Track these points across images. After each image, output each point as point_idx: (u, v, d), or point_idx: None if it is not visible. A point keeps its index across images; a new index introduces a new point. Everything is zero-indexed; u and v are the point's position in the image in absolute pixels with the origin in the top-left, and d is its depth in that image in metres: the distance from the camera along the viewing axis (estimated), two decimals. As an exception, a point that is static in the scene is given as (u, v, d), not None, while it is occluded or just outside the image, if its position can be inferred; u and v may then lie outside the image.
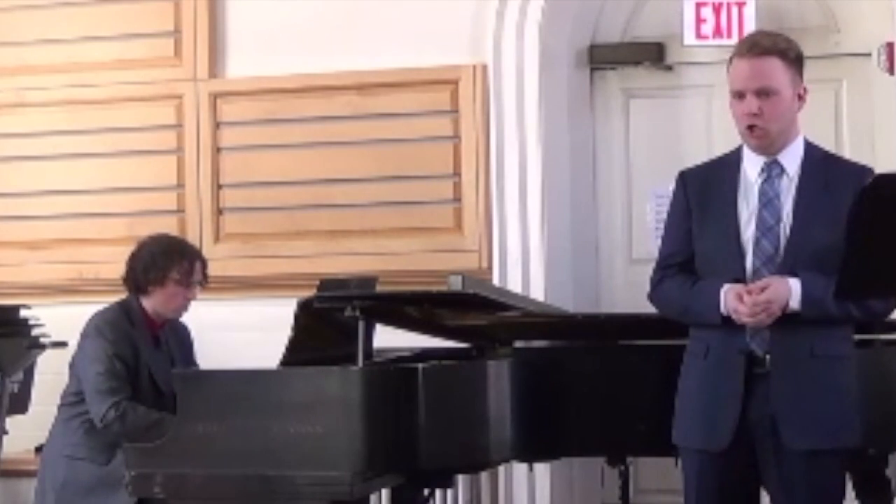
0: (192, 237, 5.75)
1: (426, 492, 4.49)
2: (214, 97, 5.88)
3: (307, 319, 4.27)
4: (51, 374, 5.17)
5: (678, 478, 3.97)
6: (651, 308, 3.90)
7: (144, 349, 4.73)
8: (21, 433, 5.35)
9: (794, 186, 3.62)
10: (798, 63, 3.66)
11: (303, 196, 5.77)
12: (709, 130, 5.65)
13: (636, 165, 5.78)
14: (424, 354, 4.50)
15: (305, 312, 4.26)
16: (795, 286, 3.51)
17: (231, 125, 5.89)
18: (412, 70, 5.65)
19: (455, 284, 4.05)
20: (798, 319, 3.52)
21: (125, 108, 5.96)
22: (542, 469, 5.39)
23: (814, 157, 3.69)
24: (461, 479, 5.09)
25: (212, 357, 5.20)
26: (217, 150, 5.88)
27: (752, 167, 3.67)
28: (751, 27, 5.43)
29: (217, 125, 5.88)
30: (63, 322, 5.09)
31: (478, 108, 5.63)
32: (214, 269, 5.51)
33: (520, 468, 5.38)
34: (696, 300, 3.64)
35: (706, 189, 3.71)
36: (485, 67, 5.63)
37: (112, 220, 5.89)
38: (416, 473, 4.07)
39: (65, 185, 5.98)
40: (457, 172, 5.66)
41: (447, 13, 5.65)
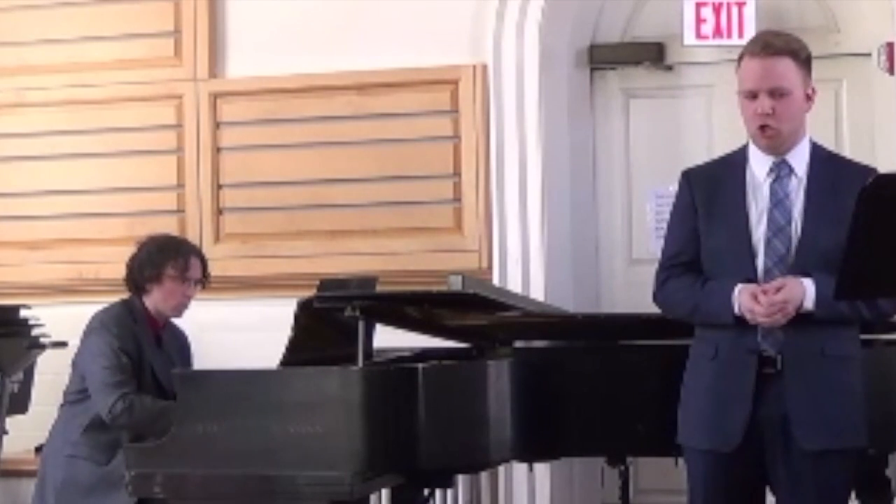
0: (192, 237, 5.74)
1: (426, 492, 4.50)
2: (214, 97, 5.88)
3: (307, 319, 4.27)
4: (51, 374, 5.17)
5: (678, 478, 3.97)
6: (651, 308, 3.89)
7: (147, 347, 4.74)
8: (21, 433, 5.35)
9: (803, 187, 3.62)
10: (808, 63, 3.66)
11: (303, 196, 5.77)
12: (709, 130, 5.65)
13: (636, 165, 5.77)
14: (424, 354, 4.50)
15: (305, 312, 4.26)
16: (809, 286, 3.50)
17: (231, 125, 5.88)
18: (412, 70, 5.65)
19: (455, 284, 4.05)
20: (809, 320, 3.52)
21: (125, 108, 5.96)
22: (542, 469, 5.38)
23: (820, 158, 3.69)
24: (461, 479, 5.09)
25: (212, 357, 5.20)
26: (217, 150, 5.88)
27: (760, 167, 3.66)
28: (751, 27, 5.42)
29: (217, 125, 5.88)
30: (63, 322, 5.10)
31: (478, 108, 5.63)
32: (214, 270, 5.51)
33: (520, 468, 5.38)
34: (708, 300, 3.62)
35: (713, 188, 3.70)
36: (485, 67, 5.63)
37: (112, 220, 5.89)
38: (416, 473, 4.07)
39: (65, 185, 5.98)
40: (457, 172, 5.66)
41: (447, 13, 5.65)
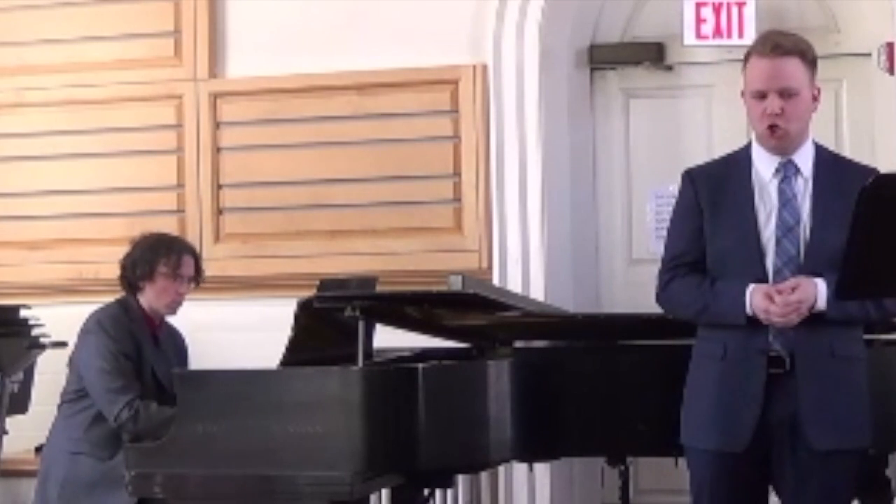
0: (192, 237, 5.74)
1: (426, 492, 4.50)
2: (214, 97, 5.88)
3: (307, 319, 4.27)
4: (51, 374, 5.17)
5: (678, 478, 3.98)
6: (651, 308, 3.89)
7: (146, 346, 4.74)
8: (21, 433, 5.35)
9: (810, 187, 3.63)
10: (814, 64, 3.66)
11: (303, 196, 5.77)
12: (709, 130, 5.65)
13: (636, 165, 5.77)
14: (424, 354, 4.50)
15: (305, 312, 4.26)
16: (822, 286, 3.50)
17: (231, 125, 5.88)
18: (412, 70, 5.65)
19: (455, 284, 4.06)
20: (818, 320, 3.52)
21: (125, 108, 5.96)
22: (542, 469, 5.38)
23: (824, 159, 3.70)
24: (461, 479, 5.09)
25: (212, 357, 5.20)
26: (217, 150, 5.88)
27: (765, 167, 3.66)
28: (751, 27, 5.42)
29: (217, 125, 5.88)
30: (63, 322, 5.09)
31: (478, 108, 5.62)
32: (214, 269, 5.52)
33: (520, 468, 5.38)
34: (718, 300, 3.60)
35: (718, 188, 3.68)
36: (485, 67, 5.63)
37: (112, 220, 5.88)
38: (416, 473, 4.07)
39: (65, 185, 5.98)
40: (457, 172, 5.66)
41: (447, 13, 5.64)
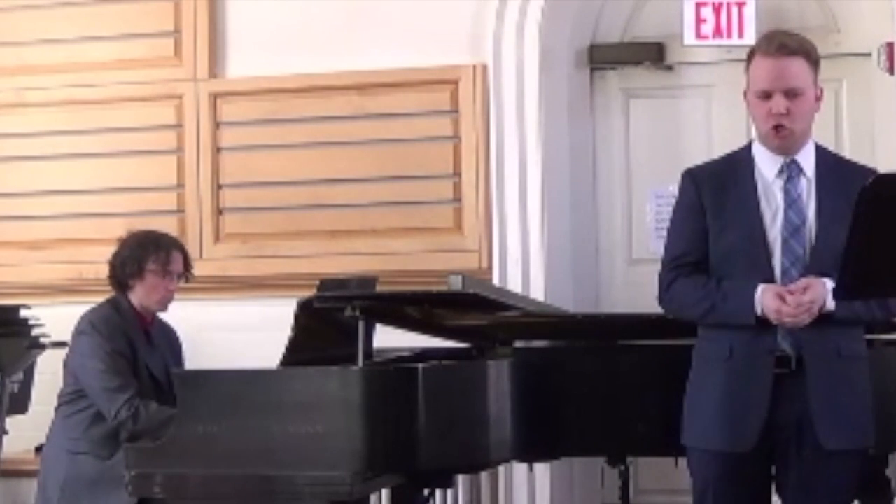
0: (192, 237, 5.75)
1: (426, 492, 4.50)
2: (214, 97, 5.88)
3: (307, 319, 4.27)
4: (51, 374, 5.16)
5: (678, 478, 3.97)
6: (651, 308, 3.89)
7: (139, 344, 4.73)
8: (21, 433, 5.35)
9: (813, 187, 3.63)
10: (818, 65, 3.67)
11: (303, 196, 5.77)
12: (709, 130, 5.65)
13: (636, 165, 5.77)
14: (424, 354, 4.50)
15: (305, 312, 4.26)
16: (830, 286, 3.48)
17: (231, 125, 5.88)
18: (412, 70, 5.65)
19: (455, 284, 4.05)
20: (825, 320, 3.52)
21: (125, 108, 5.96)
22: (542, 469, 5.38)
23: (825, 159, 3.70)
24: (461, 479, 5.08)
25: (212, 357, 5.20)
26: (217, 150, 5.88)
27: (769, 167, 3.65)
28: (751, 27, 5.42)
29: (217, 125, 5.88)
30: (63, 322, 5.07)
31: (478, 108, 5.62)
32: (214, 270, 5.53)
33: (520, 468, 5.38)
34: (726, 300, 3.59)
35: (721, 188, 3.67)
36: (485, 67, 5.63)
37: (112, 220, 5.86)
38: (416, 474, 4.07)
39: (64, 185, 5.98)
40: (457, 172, 5.66)
41: (447, 13, 5.64)
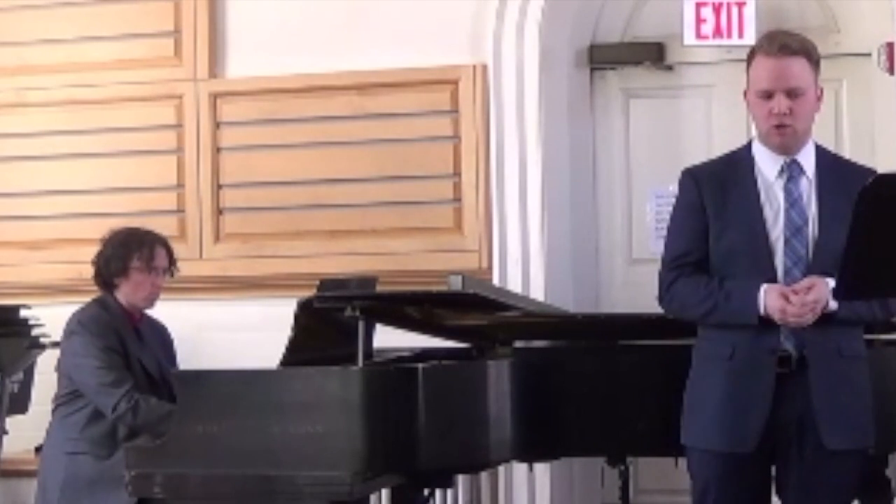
0: (192, 237, 5.75)
1: (426, 492, 4.50)
2: (214, 97, 5.88)
3: (307, 319, 4.27)
4: (51, 374, 5.14)
5: (678, 478, 3.97)
6: (651, 308, 3.89)
7: (129, 340, 4.72)
8: (21, 433, 5.35)
9: (814, 187, 3.63)
10: (818, 65, 3.67)
11: (303, 196, 5.77)
12: (709, 130, 5.65)
13: (636, 165, 5.77)
14: (424, 354, 4.50)
15: (305, 312, 4.26)
16: (833, 286, 3.47)
17: (231, 125, 5.88)
18: (412, 70, 5.65)
19: (455, 284, 4.06)
20: (827, 320, 3.52)
21: (125, 108, 5.96)
22: (542, 469, 5.38)
23: (826, 159, 3.70)
24: (461, 479, 5.09)
25: (212, 357, 5.20)
26: (217, 150, 5.88)
27: (769, 166, 3.65)
28: (751, 27, 5.42)
29: (217, 125, 5.88)
30: (63, 322, 5.07)
31: (478, 108, 5.62)
32: (214, 270, 5.52)
33: (520, 468, 5.38)
34: (729, 300, 3.59)
35: (721, 187, 3.67)
36: (485, 67, 5.63)
37: (112, 220, 5.82)
38: (416, 473, 4.07)
39: (65, 185, 5.98)
40: (457, 172, 5.66)
41: (447, 13, 5.64)
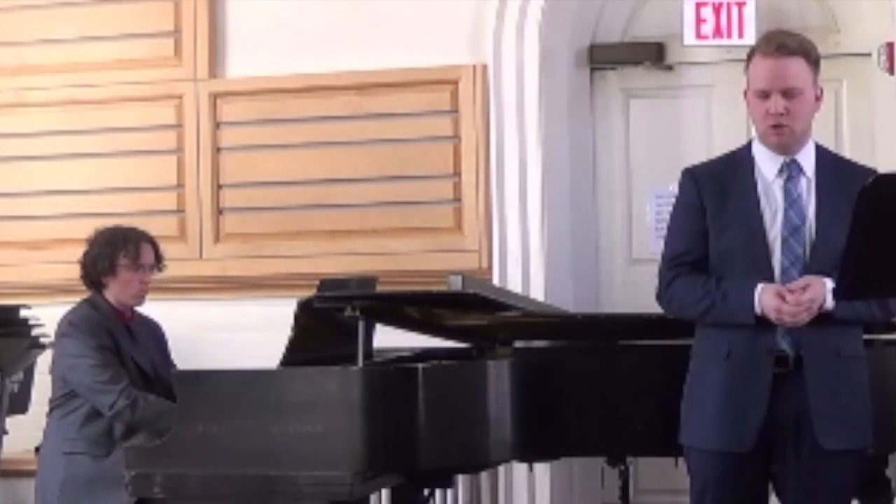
0: (192, 237, 5.75)
1: (426, 492, 4.50)
2: (214, 97, 5.88)
3: (307, 319, 4.27)
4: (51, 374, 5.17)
5: (678, 478, 3.97)
6: (651, 308, 3.89)
7: (121, 339, 4.72)
8: (21, 433, 5.34)
9: (813, 187, 3.63)
10: (818, 64, 3.67)
11: (303, 196, 5.77)
12: (709, 130, 5.65)
13: (636, 165, 5.77)
14: (424, 354, 4.50)
15: (305, 312, 4.26)
16: (830, 286, 3.48)
17: (231, 125, 5.88)
18: (412, 70, 5.65)
19: (455, 284, 4.06)
20: (825, 319, 3.52)
21: (125, 108, 5.96)
22: (542, 469, 5.38)
23: (826, 159, 3.70)
24: (461, 479, 5.08)
25: (212, 357, 5.20)
26: (217, 150, 5.88)
27: (769, 166, 3.66)
28: (751, 27, 5.42)
29: (217, 125, 5.88)
30: (63, 322, 5.09)
31: (478, 108, 5.62)
32: (214, 270, 5.52)
33: (520, 468, 5.38)
34: (726, 299, 3.59)
35: (721, 187, 3.68)
36: (485, 67, 5.63)
37: (112, 220, 5.82)
38: (416, 473, 4.07)
39: (65, 185, 5.98)
40: (457, 172, 5.66)
41: (447, 13, 5.64)
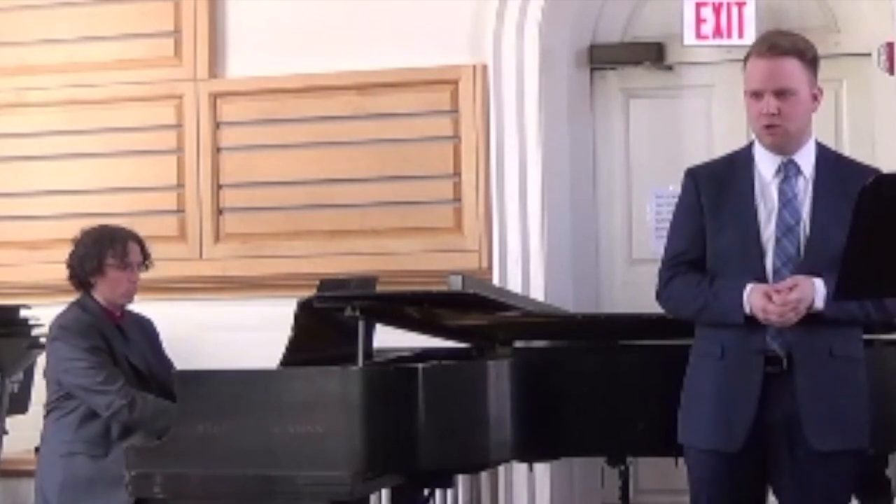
0: (192, 237, 5.75)
1: (426, 492, 4.50)
2: (214, 97, 5.88)
3: (307, 319, 4.27)
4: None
5: (678, 478, 3.97)
6: (651, 308, 3.89)
7: (113, 339, 4.71)
8: (21, 433, 5.34)
9: (811, 187, 3.63)
10: (814, 64, 3.66)
11: (303, 196, 5.77)
12: (709, 130, 5.65)
13: (636, 165, 5.77)
14: (424, 354, 4.50)
15: (305, 312, 4.26)
16: (820, 286, 3.49)
17: (231, 125, 5.88)
18: (412, 70, 5.65)
19: (455, 284, 4.06)
20: (818, 320, 3.52)
21: (125, 108, 5.96)
22: (542, 469, 5.38)
23: (827, 159, 3.70)
24: (461, 479, 5.09)
25: (212, 357, 5.20)
26: (217, 150, 5.88)
27: (767, 166, 3.66)
28: (751, 27, 5.42)
29: (217, 125, 5.88)
30: (63, 322, 5.08)
31: (478, 108, 5.62)
32: (214, 270, 5.52)
33: (520, 468, 5.38)
34: (717, 299, 3.60)
35: (719, 187, 3.68)
36: (485, 67, 5.63)
37: (112, 221, 5.82)
38: (416, 473, 4.07)
39: (65, 185, 5.98)
40: (457, 172, 5.66)
41: (447, 13, 5.64)
